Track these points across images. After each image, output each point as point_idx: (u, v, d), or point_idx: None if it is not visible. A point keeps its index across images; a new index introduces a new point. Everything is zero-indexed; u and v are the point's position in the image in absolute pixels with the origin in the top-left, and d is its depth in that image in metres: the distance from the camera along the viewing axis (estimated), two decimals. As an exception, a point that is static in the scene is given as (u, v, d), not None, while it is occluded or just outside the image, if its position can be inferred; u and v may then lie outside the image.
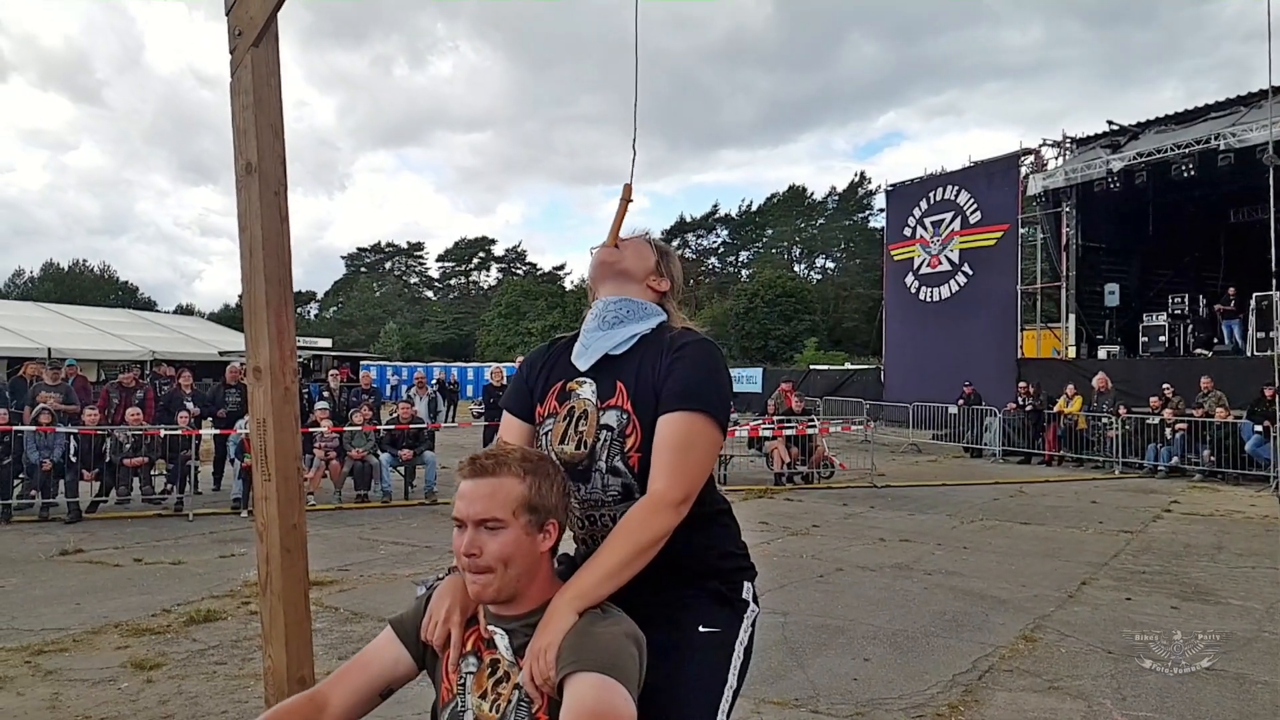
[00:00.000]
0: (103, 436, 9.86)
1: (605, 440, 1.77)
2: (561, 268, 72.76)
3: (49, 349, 21.55)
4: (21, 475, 9.48)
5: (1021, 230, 21.64)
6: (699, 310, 52.49)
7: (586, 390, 1.82)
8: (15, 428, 9.45)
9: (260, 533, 2.28)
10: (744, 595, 1.89)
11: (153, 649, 4.83)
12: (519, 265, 75.18)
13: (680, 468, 1.68)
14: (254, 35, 2.18)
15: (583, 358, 1.86)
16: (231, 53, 2.22)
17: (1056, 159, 21.50)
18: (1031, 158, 21.75)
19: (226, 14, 2.22)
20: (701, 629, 1.78)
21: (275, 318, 2.20)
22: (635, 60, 2.28)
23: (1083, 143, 21.50)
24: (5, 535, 8.35)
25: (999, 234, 21.71)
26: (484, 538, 1.57)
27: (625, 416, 1.76)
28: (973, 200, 22.42)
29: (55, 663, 4.58)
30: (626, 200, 2.06)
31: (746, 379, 30.94)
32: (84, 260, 69.04)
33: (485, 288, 74.53)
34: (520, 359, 2.12)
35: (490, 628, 1.64)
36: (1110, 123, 20.97)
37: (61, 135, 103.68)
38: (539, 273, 72.83)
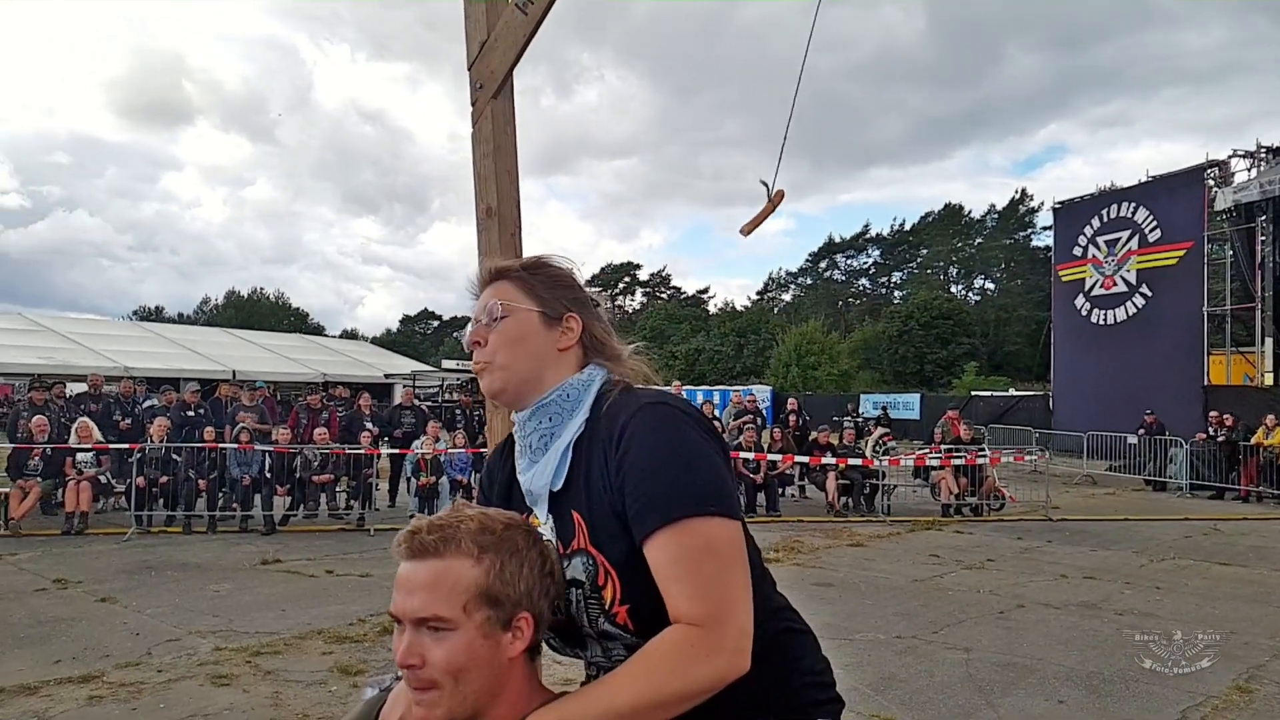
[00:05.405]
0: (293, 454, 10.63)
1: (578, 601, 1.30)
2: (705, 291, 72.80)
3: (233, 371, 23.34)
4: (224, 489, 10.34)
5: (1207, 248, 20.16)
6: (849, 334, 51.47)
7: (545, 531, 1.37)
8: (220, 445, 10.35)
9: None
10: None
11: (354, 656, 5.16)
12: (663, 289, 75.85)
13: (710, 597, 1.16)
14: (494, 88, 2.34)
15: (536, 506, 1.40)
16: (473, 104, 2.39)
17: (1249, 170, 19.95)
18: (1216, 170, 20.31)
19: (469, 69, 2.40)
20: None
21: (512, 350, 2.33)
22: (806, 51, 2.30)
23: (1279, 152, 19.88)
24: (212, 544, 9.10)
25: (1181, 252, 20.33)
26: (426, 642, 1.15)
27: (592, 563, 1.28)
28: (1152, 217, 21.10)
29: (272, 664, 4.97)
30: (775, 204, 2.03)
31: (903, 405, 30.13)
32: (261, 288, 74.92)
33: (630, 312, 75.58)
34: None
35: None
36: (1312, 129, 19.31)
37: (239, 172, 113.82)
38: (683, 296, 73.23)
